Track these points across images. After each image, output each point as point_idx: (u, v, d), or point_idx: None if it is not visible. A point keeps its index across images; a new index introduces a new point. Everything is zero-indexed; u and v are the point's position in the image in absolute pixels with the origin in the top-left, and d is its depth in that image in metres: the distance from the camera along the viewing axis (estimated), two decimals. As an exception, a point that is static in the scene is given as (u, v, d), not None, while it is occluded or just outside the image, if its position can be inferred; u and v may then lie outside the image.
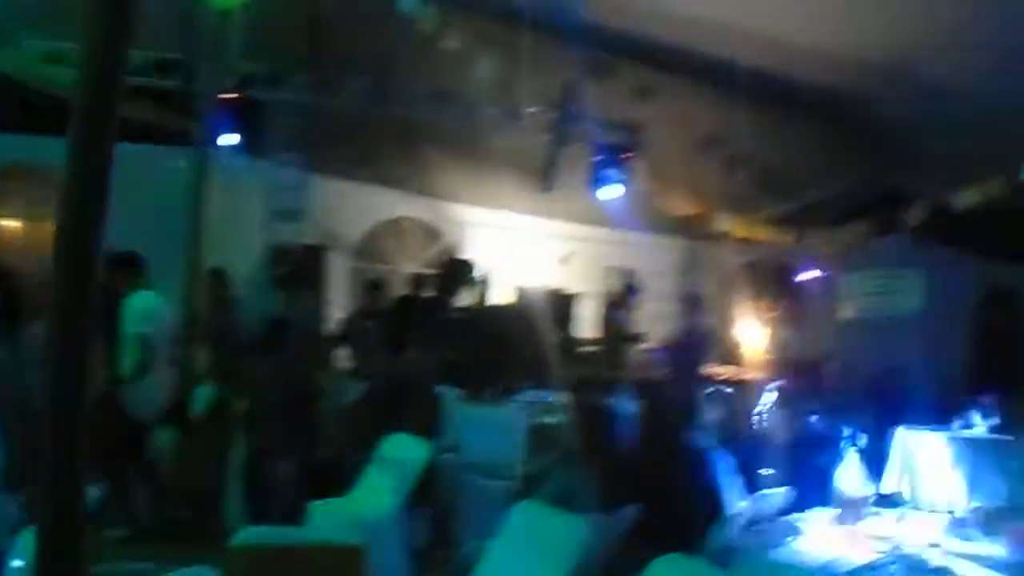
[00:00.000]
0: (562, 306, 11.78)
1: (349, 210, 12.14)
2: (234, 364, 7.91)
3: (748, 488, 5.47)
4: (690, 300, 10.88)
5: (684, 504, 4.81)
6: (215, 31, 8.56)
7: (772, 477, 5.82)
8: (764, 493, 5.13)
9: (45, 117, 7.91)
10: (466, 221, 12.93)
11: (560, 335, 11.16)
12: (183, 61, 9.39)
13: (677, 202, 11.84)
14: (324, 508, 5.98)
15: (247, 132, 9.23)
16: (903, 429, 10.30)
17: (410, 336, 8.84)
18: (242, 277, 9.59)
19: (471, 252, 12.48)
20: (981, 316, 14.23)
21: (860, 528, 4.91)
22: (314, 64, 9.45)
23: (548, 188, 10.98)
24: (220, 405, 7.57)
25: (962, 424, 10.12)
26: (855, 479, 5.14)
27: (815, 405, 8.10)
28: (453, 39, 8.54)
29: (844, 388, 11.11)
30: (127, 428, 6.83)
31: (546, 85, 9.73)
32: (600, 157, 10.67)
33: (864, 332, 12.10)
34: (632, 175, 10.83)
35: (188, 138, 10.07)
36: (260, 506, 6.87)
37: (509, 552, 4.24)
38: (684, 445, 5.38)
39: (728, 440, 5.84)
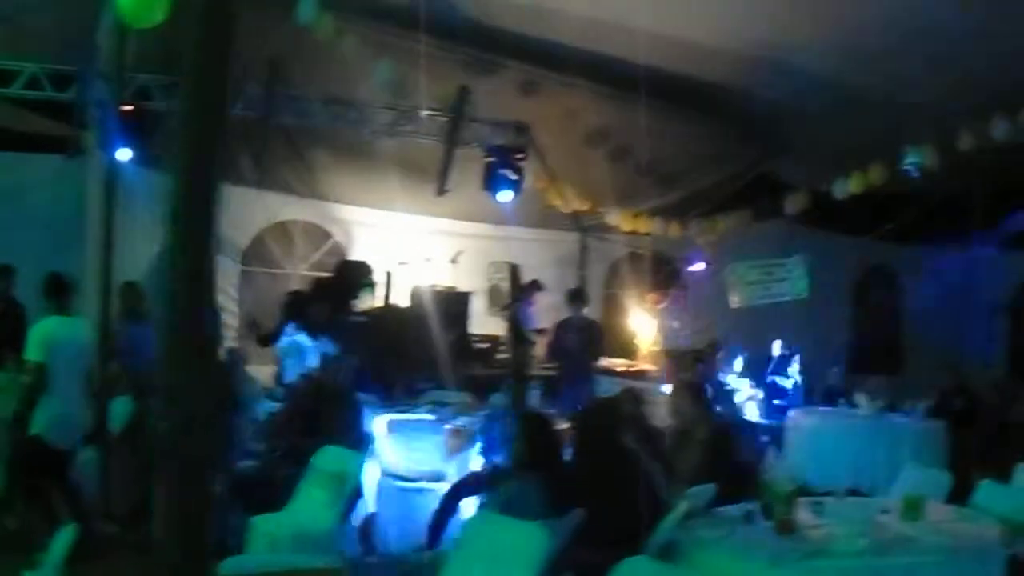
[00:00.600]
0: (456, 304, 11.82)
1: (236, 215, 11.93)
2: (151, 378, 7.75)
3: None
4: (576, 294, 11.03)
5: (626, 505, 4.90)
6: (110, 42, 8.38)
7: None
8: (695, 488, 5.26)
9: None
10: (354, 221, 12.87)
11: (456, 333, 11.24)
12: (79, 72, 9.37)
13: (566, 197, 12.01)
14: (265, 523, 6.02)
15: (142, 142, 9.10)
16: (795, 412, 10.71)
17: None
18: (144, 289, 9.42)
19: (360, 253, 12.45)
20: (862, 297, 14.89)
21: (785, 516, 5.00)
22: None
23: (442, 190, 11.04)
24: (139, 420, 7.44)
25: (848, 405, 10.61)
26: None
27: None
28: (348, 45, 8.49)
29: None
30: (41, 454, 6.68)
31: (437, 87, 9.77)
32: (493, 158, 10.77)
33: (752, 319, 12.44)
34: (524, 174, 10.97)
35: (83, 149, 9.93)
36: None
37: (471, 562, 4.30)
38: (620, 445, 5.49)
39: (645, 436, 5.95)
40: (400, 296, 11.83)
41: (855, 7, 8.06)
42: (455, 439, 7.56)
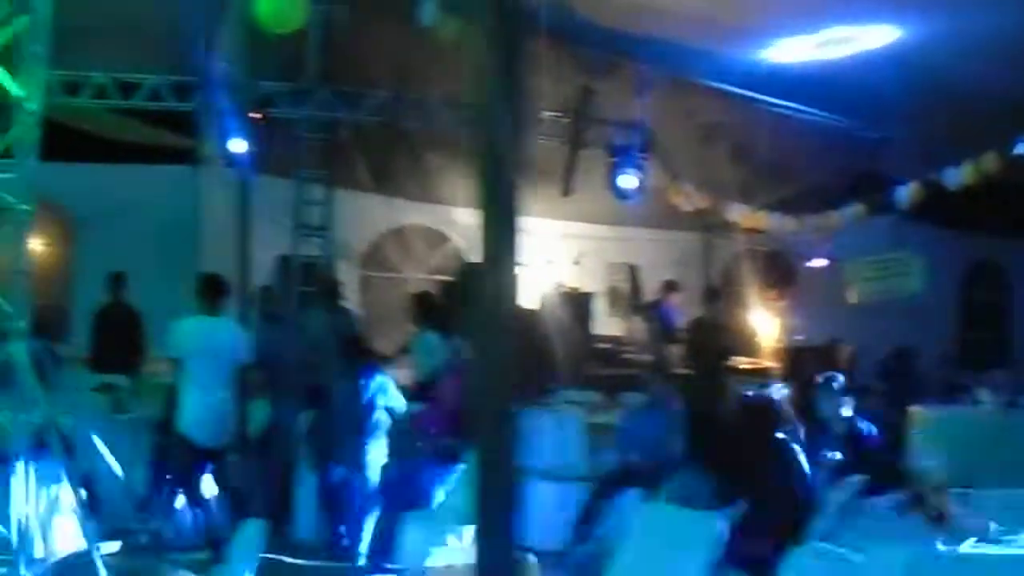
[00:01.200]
0: (580, 305, 11.85)
1: (355, 220, 12.13)
2: (289, 381, 7.94)
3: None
4: (709, 293, 10.97)
5: (784, 497, 4.94)
6: (235, 51, 8.59)
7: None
8: (847, 481, 5.25)
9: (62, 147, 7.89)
10: (473, 225, 12.93)
11: (581, 334, 11.27)
12: (200, 82, 9.47)
13: (689, 195, 11.94)
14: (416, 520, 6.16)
15: (267, 150, 9.29)
16: (917, 408, 10.49)
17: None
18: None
19: (478, 256, 12.50)
20: (969, 293, 14.52)
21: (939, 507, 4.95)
22: (332, 79, 9.49)
23: (567, 191, 11.06)
24: (277, 423, 7.60)
25: (971, 400, 10.36)
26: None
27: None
28: (471, 47, 8.54)
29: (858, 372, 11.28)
30: (188, 452, 6.87)
31: (559, 89, 9.81)
32: (616, 158, 10.76)
33: (868, 315, 12.25)
34: (647, 173, 10.95)
35: (204, 159, 10.19)
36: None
37: (646, 551, 4.35)
38: (778, 440, 5.53)
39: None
40: (523, 298, 11.87)
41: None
42: (595, 436, 7.59)
